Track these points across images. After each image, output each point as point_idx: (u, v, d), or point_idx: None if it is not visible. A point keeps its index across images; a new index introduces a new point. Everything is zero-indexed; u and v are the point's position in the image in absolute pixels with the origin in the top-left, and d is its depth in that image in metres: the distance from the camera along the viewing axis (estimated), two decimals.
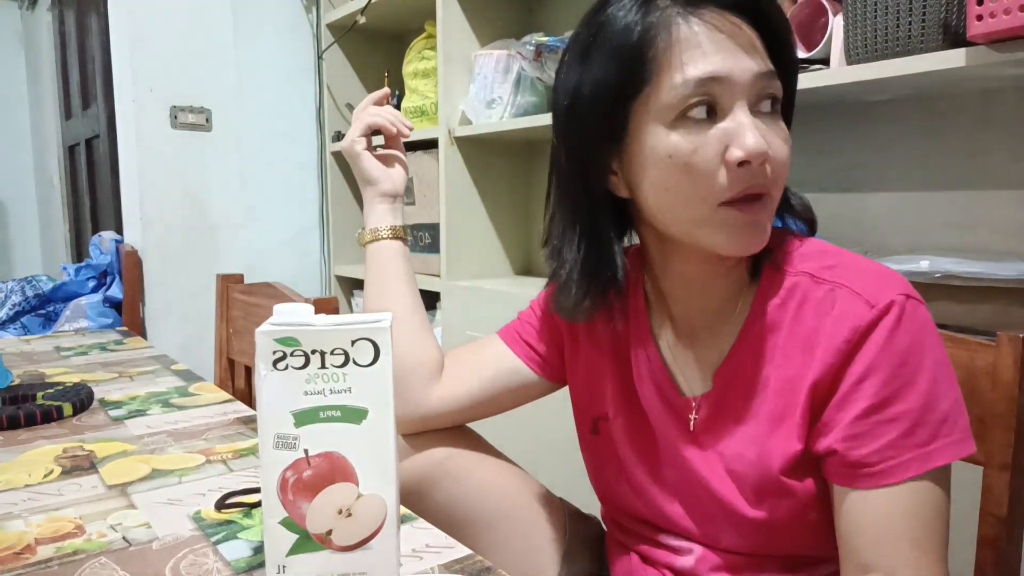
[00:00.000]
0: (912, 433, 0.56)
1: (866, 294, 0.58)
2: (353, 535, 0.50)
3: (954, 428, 0.57)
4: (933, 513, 0.57)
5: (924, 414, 0.56)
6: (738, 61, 0.58)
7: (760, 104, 0.59)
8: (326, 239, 2.57)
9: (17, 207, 3.90)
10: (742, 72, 0.58)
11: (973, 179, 1.20)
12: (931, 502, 0.56)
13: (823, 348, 0.59)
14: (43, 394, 0.97)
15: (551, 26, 1.94)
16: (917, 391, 0.56)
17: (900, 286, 0.58)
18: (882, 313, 0.57)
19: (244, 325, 1.38)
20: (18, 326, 2.22)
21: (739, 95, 0.58)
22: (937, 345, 0.58)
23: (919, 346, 0.57)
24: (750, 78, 0.58)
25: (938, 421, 0.56)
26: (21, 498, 0.67)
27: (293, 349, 0.49)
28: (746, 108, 0.58)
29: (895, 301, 0.57)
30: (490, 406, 0.80)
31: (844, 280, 0.60)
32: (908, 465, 0.56)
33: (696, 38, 0.58)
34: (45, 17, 3.37)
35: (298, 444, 0.49)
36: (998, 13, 0.89)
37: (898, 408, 0.56)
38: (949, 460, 0.56)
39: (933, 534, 0.56)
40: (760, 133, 0.58)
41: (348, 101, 2.49)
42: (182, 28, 2.21)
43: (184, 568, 0.54)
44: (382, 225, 0.83)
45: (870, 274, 0.60)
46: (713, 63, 0.57)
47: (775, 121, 0.61)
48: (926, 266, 1.02)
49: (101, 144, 2.64)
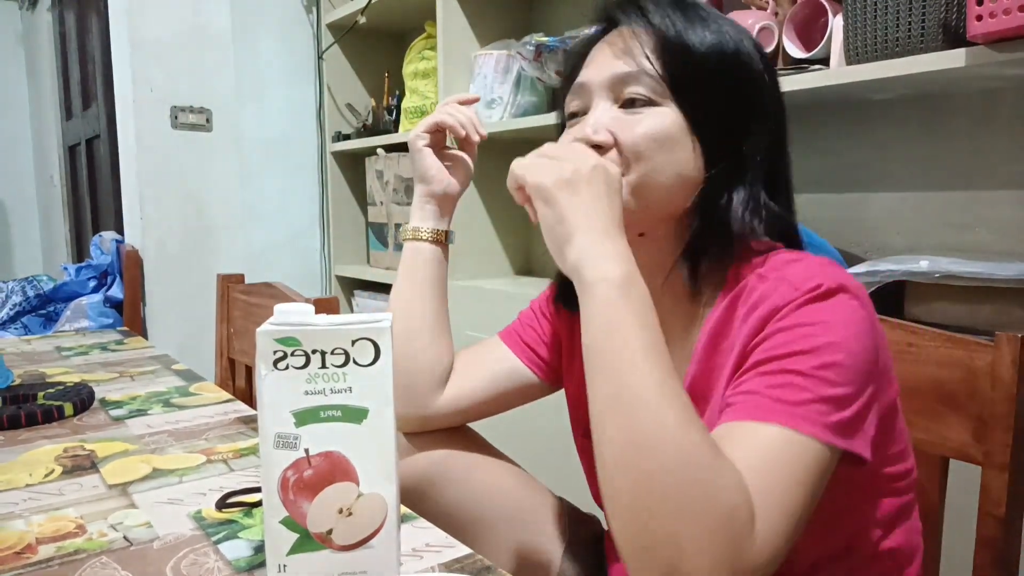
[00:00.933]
0: (784, 388, 0.53)
1: (797, 281, 0.58)
2: (354, 534, 0.50)
3: (836, 414, 0.52)
4: (787, 468, 0.51)
5: (806, 382, 0.53)
6: (602, 68, 0.66)
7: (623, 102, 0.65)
8: (326, 239, 2.57)
9: (18, 207, 3.90)
10: (600, 76, 0.66)
11: (973, 179, 1.20)
12: (787, 457, 0.51)
13: (747, 330, 0.59)
14: (44, 394, 0.97)
15: (551, 26, 1.94)
16: (808, 361, 0.53)
17: (839, 278, 0.57)
18: (803, 293, 0.56)
19: (244, 325, 1.38)
20: (19, 326, 2.23)
21: (595, 94, 0.66)
22: (858, 337, 0.55)
23: (829, 325, 0.55)
24: (604, 79, 0.65)
25: (821, 397, 0.52)
26: (22, 498, 0.67)
27: (293, 349, 0.49)
28: (600, 104, 0.65)
29: (822, 284, 0.56)
30: (492, 407, 0.82)
31: (786, 274, 0.59)
32: (768, 409, 0.52)
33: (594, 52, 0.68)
34: (45, 17, 3.38)
35: (299, 444, 0.49)
36: (998, 13, 0.89)
37: (779, 365, 0.54)
38: (815, 434, 0.51)
39: (780, 482, 0.50)
40: (603, 123, 0.64)
41: (348, 101, 2.49)
42: (182, 28, 2.22)
43: (185, 567, 0.54)
44: (424, 226, 0.81)
45: (814, 267, 0.59)
46: (584, 74, 0.68)
47: (636, 113, 0.64)
48: (926, 266, 1.02)
49: (101, 144, 2.65)
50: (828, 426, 0.52)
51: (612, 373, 0.52)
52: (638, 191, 0.64)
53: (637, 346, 0.52)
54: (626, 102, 0.65)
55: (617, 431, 0.50)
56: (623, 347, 0.52)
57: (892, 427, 0.62)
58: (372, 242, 2.40)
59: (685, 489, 0.47)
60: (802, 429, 0.52)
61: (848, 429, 0.53)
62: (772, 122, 0.67)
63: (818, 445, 0.52)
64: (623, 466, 0.49)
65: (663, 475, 0.47)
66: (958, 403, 0.70)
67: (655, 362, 0.51)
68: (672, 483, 0.47)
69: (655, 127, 0.63)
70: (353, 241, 2.55)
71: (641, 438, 0.49)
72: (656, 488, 0.47)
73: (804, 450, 0.51)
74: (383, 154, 2.23)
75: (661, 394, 0.50)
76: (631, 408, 0.50)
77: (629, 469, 0.49)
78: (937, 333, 0.72)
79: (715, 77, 0.64)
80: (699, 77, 0.64)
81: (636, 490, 0.48)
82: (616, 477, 0.50)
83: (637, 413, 0.49)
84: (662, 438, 0.48)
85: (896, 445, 0.63)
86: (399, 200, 2.19)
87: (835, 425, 0.52)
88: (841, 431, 0.53)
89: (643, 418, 0.49)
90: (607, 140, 0.64)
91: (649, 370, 0.51)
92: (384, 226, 2.30)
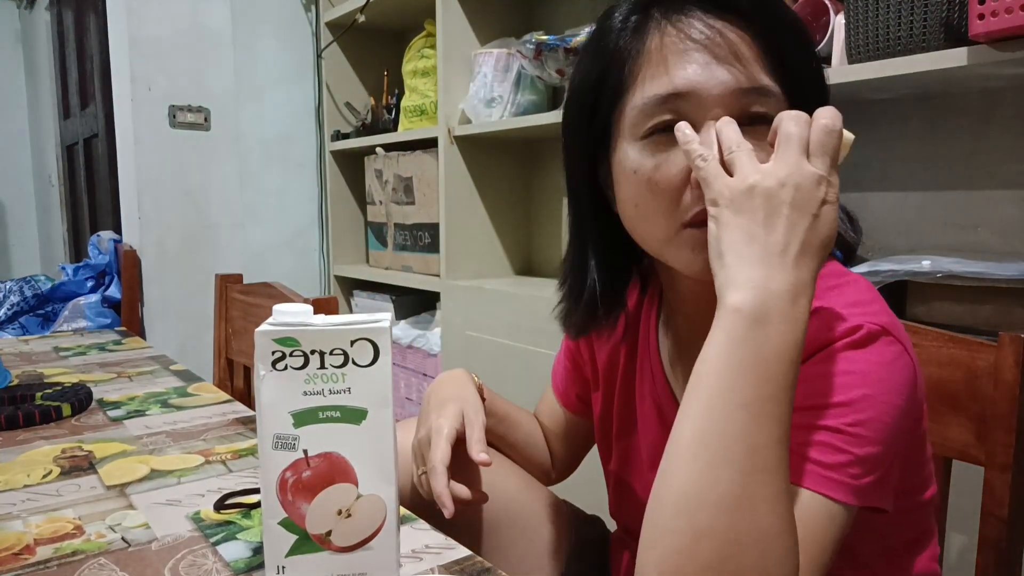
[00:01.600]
0: (816, 447, 0.51)
1: (834, 319, 0.54)
2: (352, 535, 0.50)
3: (867, 476, 0.50)
4: (813, 533, 0.49)
5: (840, 440, 0.50)
6: (711, 74, 0.54)
7: (744, 122, 0.53)
8: (325, 239, 2.56)
9: (15, 207, 3.89)
10: (713, 87, 0.54)
11: (974, 179, 1.19)
12: (815, 523, 0.49)
13: None
14: (42, 394, 0.97)
15: (551, 24, 1.94)
16: (842, 416, 0.51)
17: (880, 318, 0.54)
18: (841, 336, 0.53)
19: (243, 325, 1.38)
20: (16, 326, 2.22)
21: (709, 111, 0.54)
22: (895, 389, 0.53)
23: (867, 376, 0.52)
24: (721, 93, 0.54)
25: (854, 459, 0.50)
26: (20, 498, 0.67)
27: (292, 349, 0.48)
28: (724, 118, 0.53)
29: (862, 326, 0.53)
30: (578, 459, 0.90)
31: (825, 305, 0.56)
32: (800, 472, 0.50)
33: (665, 51, 0.55)
34: (43, 16, 3.37)
35: (297, 444, 0.49)
36: (1000, 12, 0.89)
37: (813, 419, 0.51)
38: (845, 500, 0.50)
39: (806, 549, 0.47)
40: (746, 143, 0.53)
41: (347, 100, 2.48)
42: (181, 27, 2.21)
43: (183, 569, 0.54)
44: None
45: (854, 300, 0.56)
46: (676, 79, 0.54)
47: (760, 131, 0.54)
48: (928, 266, 1.02)
49: (99, 144, 2.64)
50: (857, 490, 0.50)
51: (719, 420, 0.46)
52: None
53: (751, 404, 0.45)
54: (751, 117, 0.55)
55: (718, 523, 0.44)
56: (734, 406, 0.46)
57: (919, 459, 0.61)
58: (371, 242, 2.40)
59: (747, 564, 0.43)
60: (833, 495, 0.49)
61: (878, 488, 0.52)
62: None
63: (845, 509, 0.50)
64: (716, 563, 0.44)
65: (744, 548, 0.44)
66: (960, 403, 0.70)
67: (771, 432, 0.45)
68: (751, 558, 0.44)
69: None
70: (352, 241, 2.54)
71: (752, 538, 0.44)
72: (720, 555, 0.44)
73: (832, 516, 0.49)
74: (382, 153, 2.22)
75: (778, 486, 0.45)
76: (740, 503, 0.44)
77: (725, 563, 0.44)
78: (939, 333, 0.72)
79: (812, 86, 0.58)
80: (806, 91, 0.57)
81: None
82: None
83: (752, 511, 0.44)
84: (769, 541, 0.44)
85: (920, 475, 0.61)
86: (398, 200, 2.18)
87: (865, 488, 0.51)
88: (870, 492, 0.51)
89: (760, 516, 0.44)
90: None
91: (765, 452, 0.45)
92: (383, 225, 2.29)
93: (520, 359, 1.62)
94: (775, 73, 0.55)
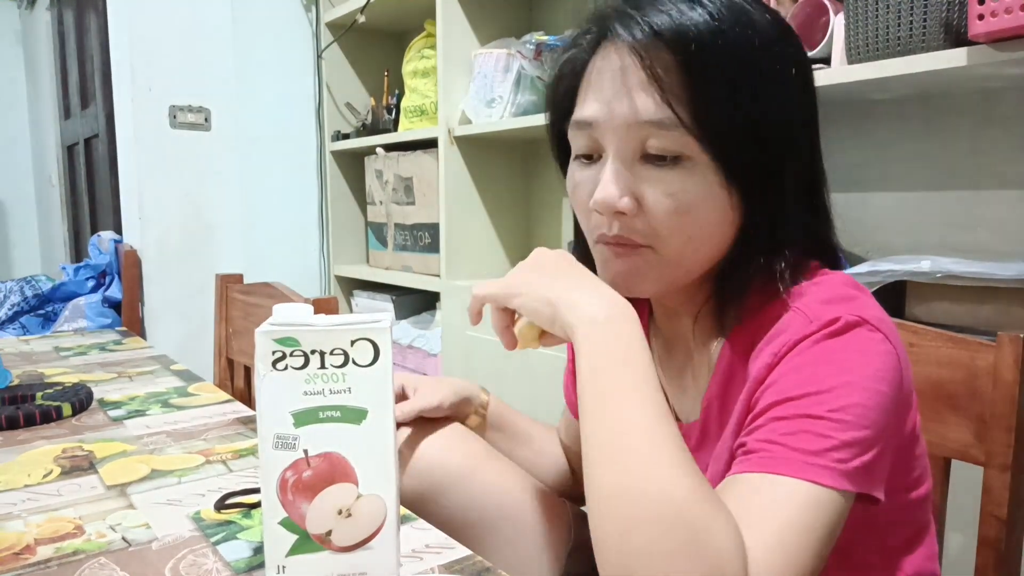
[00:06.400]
0: (799, 435, 0.50)
1: (813, 311, 0.55)
2: (353, 535, 0.50)
3: (855, 460, 0.50)
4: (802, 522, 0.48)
5: (823, 426, 0.50)
6: (611, 107, 0.56)
7: (643, 157, 0.56)
8: (325, 239, 2.56)
9: (16, 207, 3.90)
10: (611, 119, 0.56)
11: (974, 179, 1.20)
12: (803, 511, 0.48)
13: (759, 365, 0.56)
14: (42, 394, 0.97)
15: (551, 25, 1.94)
16: (824, 404, 0.51)
17: (859, 308, 0.54)
18: (820, 327, 0.53)
19: (243, 325, 1.38)
20: (17, 326, 2.22)
21: (610, 142, 0.56)
22: (878, 374, 0.52)
23: (846, 363, 0.52)
24: (615, 126, 0.55)
25: (840, 443, 0.50)
26: (20, 498, 0.67)
27: (292, 349, 0.48)
28: (616, 156, 0.56)
29: (840, 318, 0.53)
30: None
31: (805, 301, 0.56)
32: (784, 460, 0.50)
33: (595, 75, 0.58)
34: (44, 16, 3.37)
35: (298, 444, 0.49)
36: (999, 12, 0.89)
37: (794, 409, 0.51)
38: (833, 484, 0.49)
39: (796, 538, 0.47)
40: (623, 184, 0.55)
41: (347, 100, 2.48)
42: (181, 27, 2.21)
43: (184, 568, 0.54)
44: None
45: (832, 292, 0.57)
46: (586, 108, 0.58)
47: (665, 174, 0.55)
48: (927, 266, 1.02)
49: (100, 144, 2.64)
50: (847, 474, 0.49)
51: (600, 417, 0.50)
52: (667, 269, 0.59)
53: (626, 388, 0.50)
54: (650, 156, 0.56)
55: (605, 477, 0.48)
56: (611, 390, 0.50)
57: (911, 454, 0.60)
58: (371, 241, 2.40)
59: (671, 539, 0.44)
60: (820, 480, 0.49)
61: (867, 473, 0.51)
62: (810, 130, 0.61)
63: (836, 495, 0.49)
64: (611, 514, 0.47)
65: (649, 525, 0.45)
66: (959, 403, 0.70)
67: (644, 405, 0.49)
68: (658, 533, 0.45)
69: (687, 191, 0.55)
70: (352, 241, 2.54)
71: (629, 485, 0.47)
72: (643, 537, 0.45)
73: (821, 503, 0.49)
74: (382, 153, 2.22)
75: (651, 440, 0.48)
76: (619, 454, 0.48)
77: (616, 517, 0.46)
78: (938, 333, 0.72)
79: (753, 113, 0.55)
80: (735, 124, 0.54)
81: (623, 538, 0.46)
82: (604, 523, 0.47)
83: (626, 460, 0.47)
84: (650, 487, 0.46)
85: (913, 471, 0.61)
86: (398, 200, 2.18)
87: (854, 471, 0.50)
88: (860, 476, 0.50)
89: (632, 465, 0.47)
90: (631, 208, 0.56)
91: (638, 415, 0.48)
92: (383, 225, 2.30)
93: (520, 359, 1.62)
94: (693, 107, 0.54)
